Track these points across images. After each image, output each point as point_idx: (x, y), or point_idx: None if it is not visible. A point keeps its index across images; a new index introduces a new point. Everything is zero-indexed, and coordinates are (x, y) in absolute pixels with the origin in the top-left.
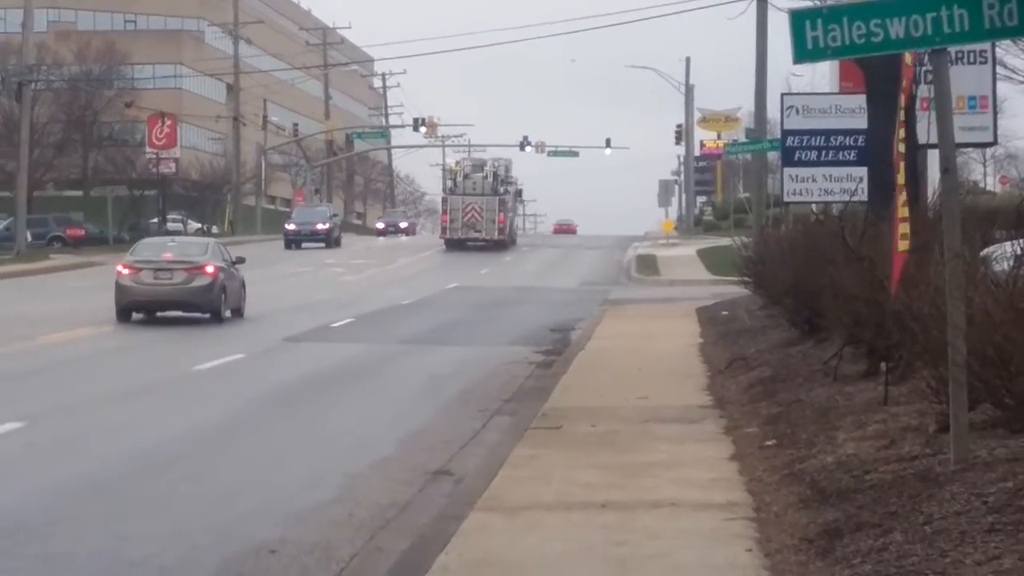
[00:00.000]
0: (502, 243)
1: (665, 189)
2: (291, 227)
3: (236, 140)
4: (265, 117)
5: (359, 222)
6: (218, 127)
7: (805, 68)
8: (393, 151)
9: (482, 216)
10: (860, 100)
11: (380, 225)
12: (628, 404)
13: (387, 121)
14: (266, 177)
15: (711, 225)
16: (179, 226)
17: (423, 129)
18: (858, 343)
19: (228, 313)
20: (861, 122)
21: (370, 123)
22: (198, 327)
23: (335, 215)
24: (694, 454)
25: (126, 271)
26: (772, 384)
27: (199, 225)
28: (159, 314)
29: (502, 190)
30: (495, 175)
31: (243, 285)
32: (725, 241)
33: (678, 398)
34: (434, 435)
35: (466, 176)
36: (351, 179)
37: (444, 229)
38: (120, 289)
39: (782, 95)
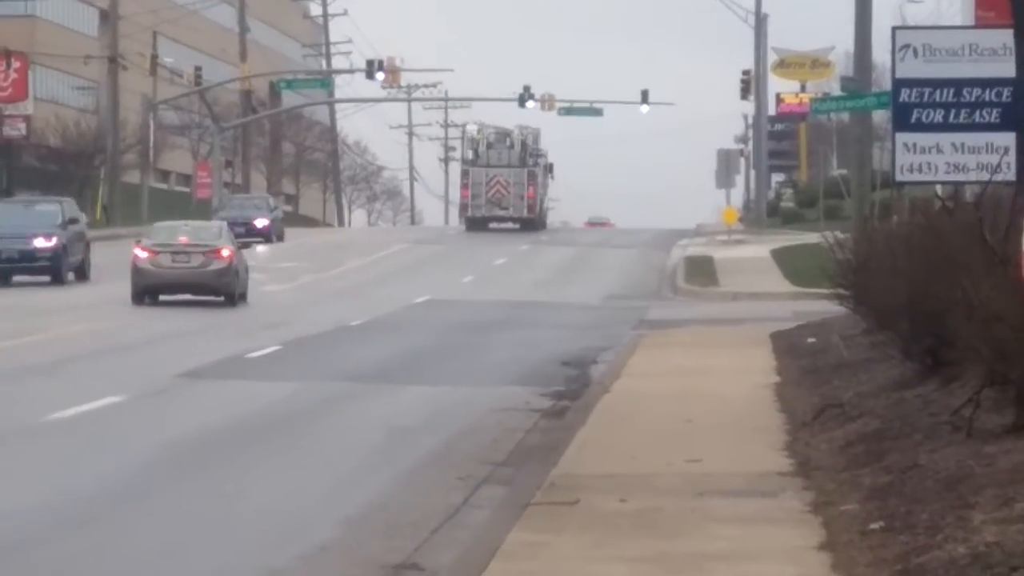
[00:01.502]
0: (531, 222)
1: (726, 163)
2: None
3: (114, 91)
4: (155, 57)
5: (289, 208)
6: (88, 71)
7: None
8: (338, 106)
9: (509, 191)
10: (1006, 36)
11: None
12: (673, 470)
13: (329, 64)
14: (156, 143)
15: (792, 215)
16: None
17: (381, 76)
18: (1003, 384)
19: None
20: (1008, 68)
21: (305, 67)
22: (68, 355)
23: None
24: (768, 541)
25: (144, 254)
26: (879, 442)
27: None
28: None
29: (531, 162)
30: (523, 144)
31: (247, 271)
32: (812, 237)
33: (745, 462)
34: (394, 513)
35: (490, 145)
36: (277, 147)
37: (465, 206)
38: (138, 272)
39: (893, 29)
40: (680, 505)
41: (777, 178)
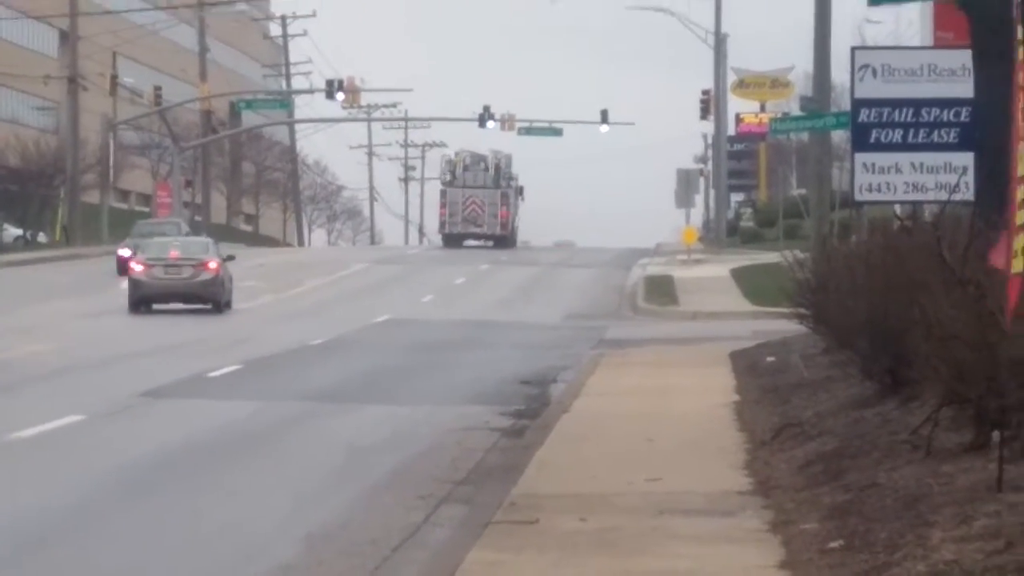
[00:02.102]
0: (504, 239)
1: (686, 183)
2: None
3: (74, 111)
4: (115, 78)
5: (249, 228)
6: (48, 92)
7: (885, 11)
8: (298, 126)
9: (484, 210)
10: (964, 57)
11: (125, 252)
12: (633, 489)
13: (289, 85)
14: (116, 163)
15: (752, 234)
16: None
17: (341, 96)
18: (961, 403)
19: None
20: (966, 88)
21: (265, 87)
22: (28, 375)
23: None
24: (728, 560)
25: (139, 267)
26: (838, 461)
27: (18, 232)
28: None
29: (504, 184)
30: (497, 168)
31: (231, 280)
32: (771, 257)
33: (705, 481)
34: (355, 532)
35: (466, 168)
36: (237, 167)
37: (443, 224)
38: (134, 284)
39: (853, 50)
40: (640, 524)
41: (737, 198)
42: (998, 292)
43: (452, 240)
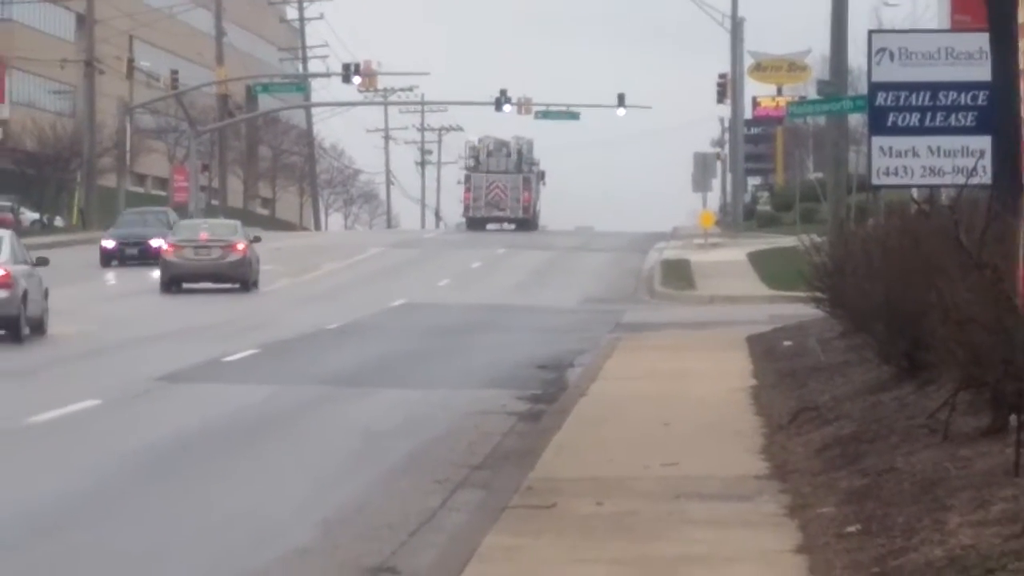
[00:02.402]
0: (526, 222)
1: (703, 167)
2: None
3: (90, 94)
4: (131, 61)
5: (266, 212)
6: (64, 75)
7: None
8: (314, 111)
9: (507, 194)
10: (982, 40)
11: (108, 244)
12: (650, 473)
13: (305, 68)
14: (132, 147)
15: (769, 218)
16: (6, 215)
17: (357, 80)
18: (978, 387)
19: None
20: (983, 72)
21: (281, 71)
22: (38, 357)
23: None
24: (745, 544)
25: (170, 249)
26: (855, 445)
27: (35, 216)
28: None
29: (526, 169)
30: (519, 153)
31: (259, 261)
32: (788, 241)
33: (722, 465)
34: (371, 516)
35: (489, 154)
36: (254, 151)
37: (466, 208)
38: (166, 264)
39: (870, 33)
40: (657, 508)
41: (753, 181)
42: (1017, 276)
43: (476, 223)
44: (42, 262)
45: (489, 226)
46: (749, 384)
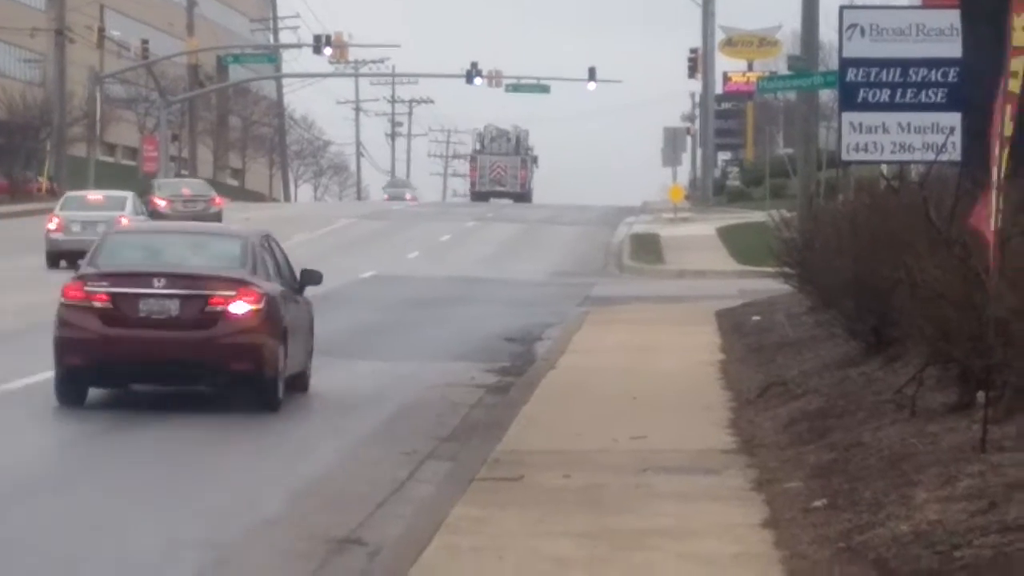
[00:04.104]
0: (522, 196)
1: (673, 141)
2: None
3: (60, 63)
4: (102, 30)
5: (235, 182)
6: (34, 44)
7: None
8: (285, 81)
9: (506, 172)
10: (953, 17)
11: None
12: (618, 446)
13: (276, 39)
14: (103, 117)
15: (738, 193)
16: None
17: (328, 51)
18: (946, 363)
19: None
20: (954, 48)
21: (252, 42)
22: (9, 326)
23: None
24: (712, 518)
25: (163, 203)
26: (823, 420)
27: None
28: None
29: (523, 152)
30: (517, 139)
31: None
32: (758, 216)
33: (689, 439)
34: (339, 487)
35: (492, 139)
36: (224, 121)
37: (473, 183)
38: (158, 217)
39: (841, 9)
40: (624, 481)
41: (723, 156)
42: (985, 252)
43: (480, 196)
44: None
45: (492, 200)
46: (717, 358)
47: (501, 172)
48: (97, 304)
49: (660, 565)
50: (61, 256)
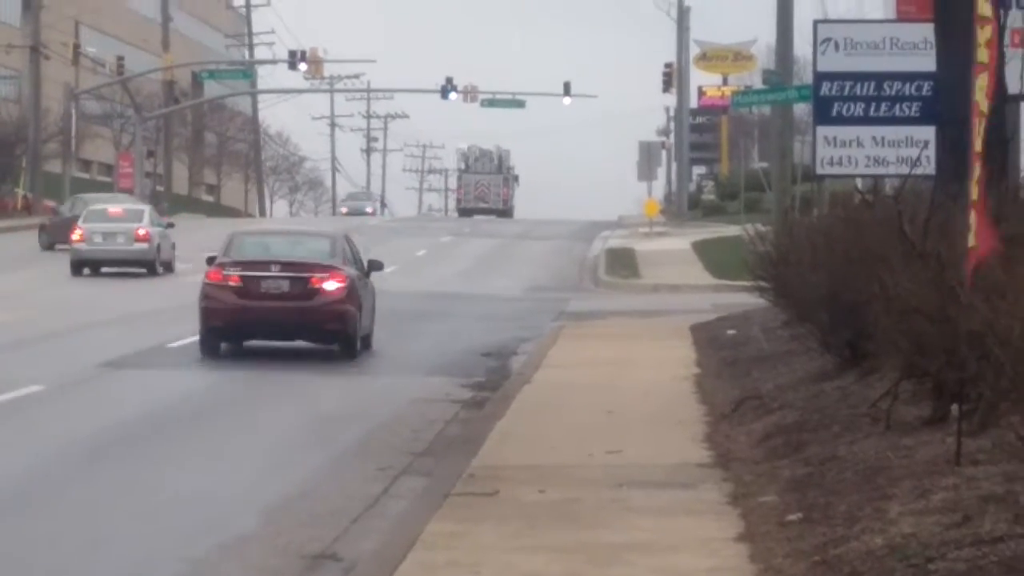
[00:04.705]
0: (505, 212)
1: (648, 155)
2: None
3: (36, 80)
4: (77, 47)
5: (211, 198)
6: (10, 60)
7: None
8: (260, 97)
9: (490, 190)
10: (927, 31)
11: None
12: (593, 461)
13: (251, 55)
14: (78, 133)
15: (713, 207)
16: None
17: (303, 67)
18: (920, 376)
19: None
20: (928, 62)
21: (227, 57)
22: None
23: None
24: (687, 532)
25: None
26: (798, 434)
27: None
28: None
29: (505, 171)
30: (500, 159)
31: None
32: (733, 230)
33: (665, 453)
34: (314, 503)
35: (476, 159)
36: (200, 137)
37: (459, 200)
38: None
39: (815, 23)
40: (600, 496)
41: (698, 171)
42: (960, 266)
43: (466, 212)
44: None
45: (476, 217)
46: (693, 372)
47: (485, 190)
48: (231, 283)
49: None
50: (84, 264)
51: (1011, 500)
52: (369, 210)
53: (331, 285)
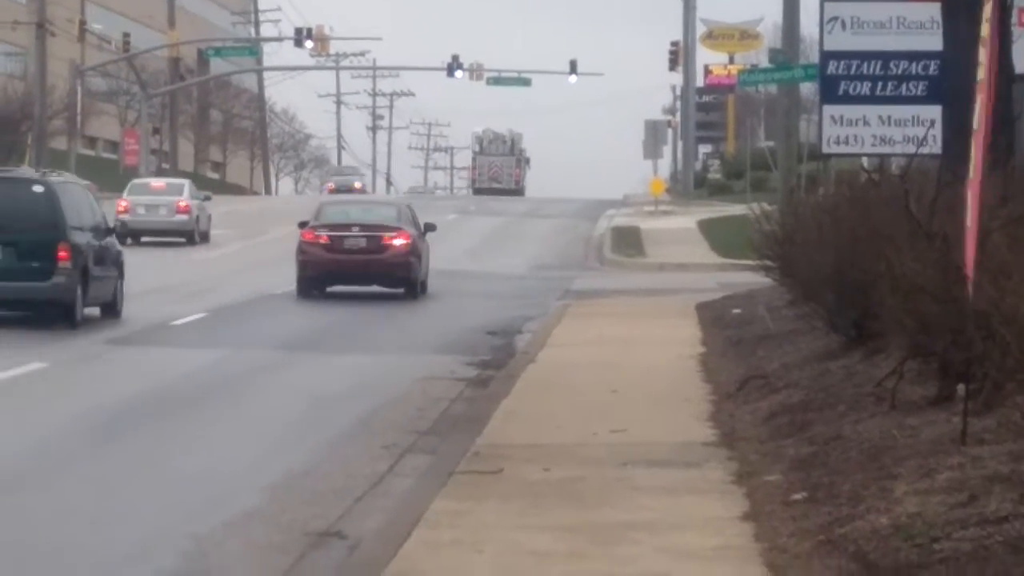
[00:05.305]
0: (516, 191)
1: (654, 134)
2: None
3: (41, 56)
4: (83, 24)
5: (216, 175)
6: (15, 37)
7: None
8: (266, 75)
9: (503, 171)
10: (933, 10)
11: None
12: (598, 440)
13: (257, 32)
14: (83, 110)
15: (719, 186)
16: None
17: (309, 44)
18: (926, 356)
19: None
20: (935, 41)
21: (234, 35)
22: None
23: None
24: (692, 511)
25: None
26: (803, 413)
27: None
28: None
29: (517, 153)
30: (512, 142)
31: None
32: (739, 209)
33: (669, 432)
34: (319, 481)
35: (490, 142)
36: (205, 114)
37: (473, 181)
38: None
39: (822, 2)
40: (604, 475)
41: (704, 149)
42: (965, 246)
43: (480, 191)
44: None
45: (491, 195)
46: (698, 351)
47: (498, 171)
48: (322, 242)
49: (640, 558)
50: (128, 235)
51: (1016, 480)
52: (357, 185)
53: (399, 242)
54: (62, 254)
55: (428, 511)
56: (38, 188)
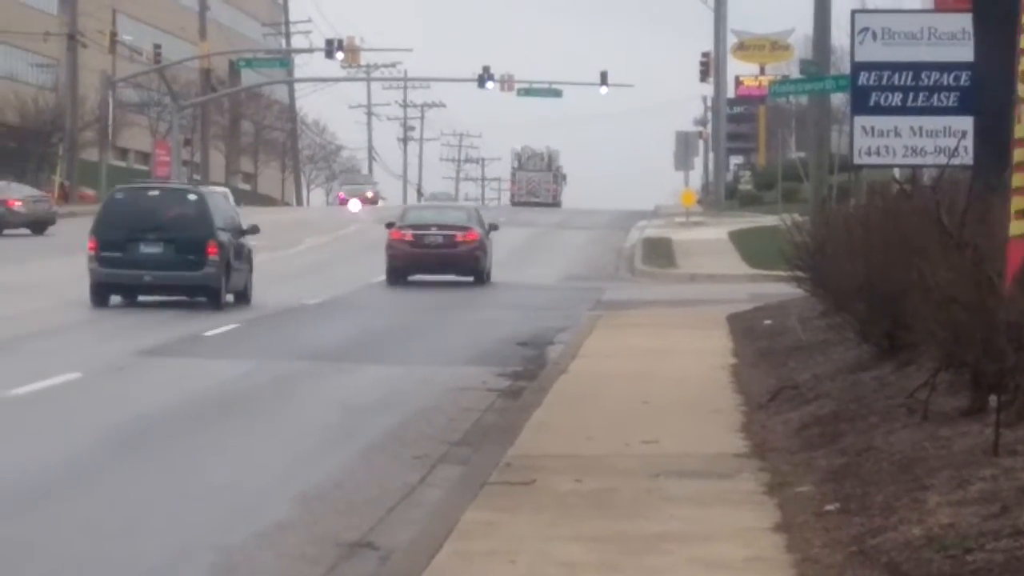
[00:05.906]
0: (555, 205)
1: (685, 145)
2: None
3: (73, 68)
4: (114, 35)
5: (247, 187)
6: (47, 49)
7: None
8: (297, 86)
9: (540, 186)
10: (965, 21)
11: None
12: (629, 451)
13: (289, 44)
14: (115, 121)
15: (750, 197)
16: None
17: (340, 56)
18: (958, 367)
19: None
20: (966, 52)
21: (265, 46)
22: (26, 330)
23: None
24: (723, 522)
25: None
26: (835, 424)
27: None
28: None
29: (554, 169)
30: (549, 158)
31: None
32: (770, 220)
33: (701, 443)
34: (350, 492)
35: (528, 158)
36: (236, 125)
37: (513, 195)
38: None
39: (853, 13)
40: (636, 486)
41: (736, 160)
42: (998, 256)
43: (519, 204)
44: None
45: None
46: (729, 362)
47: (536, 186)
48: (406, 239)
49: (672, 569)
50: None
51: None
52: (369, 194)
53: (468, 239)
54: (211, 249)
55: (460, 522)
56: (192, 196)
